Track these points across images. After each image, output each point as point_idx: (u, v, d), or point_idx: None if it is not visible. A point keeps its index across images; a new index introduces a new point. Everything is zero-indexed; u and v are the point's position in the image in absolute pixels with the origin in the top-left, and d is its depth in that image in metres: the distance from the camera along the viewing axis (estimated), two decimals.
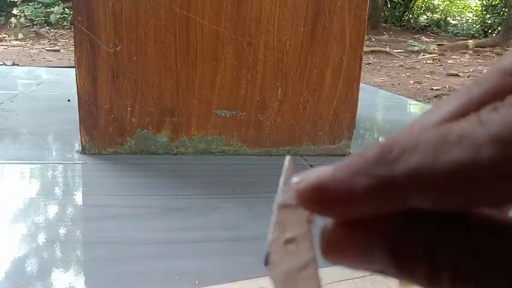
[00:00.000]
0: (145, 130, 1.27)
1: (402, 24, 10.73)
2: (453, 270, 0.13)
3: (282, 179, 0.19)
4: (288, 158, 0.19)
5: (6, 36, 6.77)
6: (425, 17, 11.44)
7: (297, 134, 1.35)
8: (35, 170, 1.15)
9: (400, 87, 4.59)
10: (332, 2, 1.25)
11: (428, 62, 6.74)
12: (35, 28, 7.33)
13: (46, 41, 6.68)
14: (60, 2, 7.90)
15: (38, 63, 4.88)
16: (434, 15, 11.47)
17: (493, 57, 7.46)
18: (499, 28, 9.54)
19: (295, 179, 0.16)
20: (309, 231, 0.18)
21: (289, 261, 0.18)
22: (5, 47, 6.03)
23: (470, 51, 7.86)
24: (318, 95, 1.32)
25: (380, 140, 1.74)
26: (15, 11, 7.50)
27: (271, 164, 1.28)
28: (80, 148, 1.27)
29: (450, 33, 10.51)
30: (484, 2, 10.94)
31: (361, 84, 1.39)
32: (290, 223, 0.18)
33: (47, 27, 7.47)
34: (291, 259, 0.18)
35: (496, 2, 10.58)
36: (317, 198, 0.15)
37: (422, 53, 7.35)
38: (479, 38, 9.62)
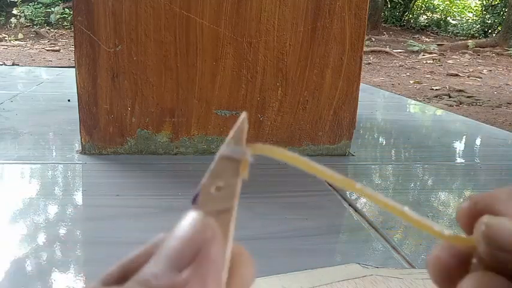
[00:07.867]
0: (145, 130, 1.27)
1: (402, 24, 10.72)
2: None
3: (231, 132, 0.21)
4: (244, 114, 0.21)
5: (6, 36, 6.76)
6: (425, 17, 11.43)
7: (297, 134, 1.35)
8: (35, 170, 1.15)
9: (400, 87, 4.58)
10: (332, 2, 1.25)
11: (428, 62, 6.74)
12: (35, 28, 7.33)
13: (46, 41, 6.68)
14: (60, 2, 7.90)
15: (38, 63, 4.88)
16: (434, 15, 11.47)
17: (493, 57, 7.45)
18: (499, 28, 9.54)
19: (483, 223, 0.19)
20: (238, 184, 0.21)
21: (211, 205, 0.20)
22: (5, 47, 6.03)
23: (470, 51, 7.85)
24: (318, 95, 1.32)
25: (380, 140, 1.74)
26: (15, 11, 7.50)
27: (271, 164, 1.28)
28: (80, 148, 1.27)
29: (450, 33, 10.50)
30: (484, 2, 10.93)
31: (361, 84, 1.39)
32: (224, 173, 0.21)
33: (47, 27, 7.47)
34: (213, 204, 0.20)
35: (496, 2, 10.57)
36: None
37: (422, 53, 7.35)
38: (479, 38, 9.62)
